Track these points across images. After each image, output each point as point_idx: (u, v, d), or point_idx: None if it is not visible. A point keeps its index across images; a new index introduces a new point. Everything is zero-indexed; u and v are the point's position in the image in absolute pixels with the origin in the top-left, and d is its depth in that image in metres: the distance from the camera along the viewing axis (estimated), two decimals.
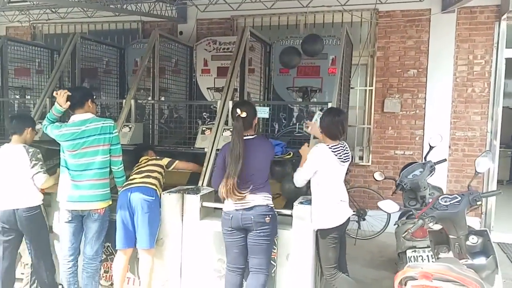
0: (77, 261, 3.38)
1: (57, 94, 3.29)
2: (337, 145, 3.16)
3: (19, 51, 6.10)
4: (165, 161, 3.80)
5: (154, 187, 3.48)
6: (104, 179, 3.31)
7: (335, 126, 3.16)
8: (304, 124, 3.37)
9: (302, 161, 3.28)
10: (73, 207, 3.25)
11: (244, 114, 3.06)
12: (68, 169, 3.27)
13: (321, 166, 3.10)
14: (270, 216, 3.03)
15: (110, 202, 3.40)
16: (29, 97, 6.27)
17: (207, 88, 5.96)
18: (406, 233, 2.98)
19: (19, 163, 3.40)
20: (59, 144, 3.32)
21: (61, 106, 3.26)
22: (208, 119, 5.68)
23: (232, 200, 3.00)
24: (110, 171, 3.41)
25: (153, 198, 3.40)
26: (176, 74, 5.94)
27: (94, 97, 3.48)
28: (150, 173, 3.57)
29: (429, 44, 5.87)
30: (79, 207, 3.25)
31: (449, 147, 5.84)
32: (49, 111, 3.39)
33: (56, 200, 3.38)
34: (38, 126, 4.36)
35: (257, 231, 3.00)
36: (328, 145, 3.13)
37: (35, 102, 5.83)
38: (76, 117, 3.29)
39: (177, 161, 3.85)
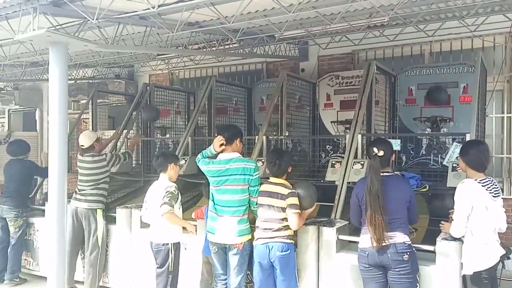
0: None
1: (216, 138, 3.63)
2: (485, 179, 3.02)
3: (162, 95, 6.97)
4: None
5: None
6: (242, 215, 3.52)
7: (480, 155, 3.03)
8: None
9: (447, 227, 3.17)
10: (213, 239, 3.56)
11: (381, 153, 3.10)
12: (214, 203, 3.60)
13: (473, 202, 2.96)
14: (408, 253, 2.98)
15: (250, 237, 3.53)
16: (168, 135, 7.07)
17: (331, 122, 6.11)
18: None
19: (157, 198, 3.90)
20: (201, 178, 3.76)
21: (215, 149, 3.60)
22: (332, 152, 5.80)
23: (374, 238, 2.99)
24: None
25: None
26: (300, 110, 6.22)
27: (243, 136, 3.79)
28: None
29: None
30: (219, 240, 3.52)
31: None
32: (204, 148, 3.78)
33: None
34: (181, 162, 4.97)
35: (397, 269, 2.97)
36: (476, 180, 3.01)
37: (174, 140, 6.65)
38: (223, 156, 3.59)
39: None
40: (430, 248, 3.20)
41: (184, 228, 3.97)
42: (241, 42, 5.61)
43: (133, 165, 6.35)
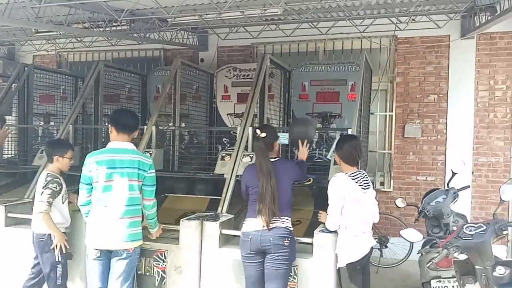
0: None
1: None
2: (355, 172, 3.13)
3: (45, 79, 6.28)
4: None
5: None
6: (134, 217, 3.12)
7: (352, 150, 3.13)
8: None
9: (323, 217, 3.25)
10: (95, 244, 3.12)
11: (263, 134, 3.11)
12: (97, 201, 3.14)
13: (344, 195, 3.04)
14: (289, 239, 3.01)
15: (141, 243, 3.18)
16: (53, 123, 6.42)
17: (227, 114, 6.03)
18: (431, 263, 2.91)
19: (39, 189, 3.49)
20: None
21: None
22: (228, 145, 5.71)
23: (263, 219, 2.96)
24: None
25: None
26: (197, 100, 6.04)
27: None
28: None
29: (449, 70, 5.85)
30: (103, 245, 3.06)
31: (472, 173, 5.72)
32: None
33: None
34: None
35: (276, 254, 2.98)
36: (346, 173, 3.10)
37: (59, 128, 6.02)
38: (115, 144, 3.11)
39: None
40: (308, 240, 3.24)
41: None
42: (132, 25, 5.22)
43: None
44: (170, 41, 6.16)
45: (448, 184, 4.20)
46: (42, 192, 3.40)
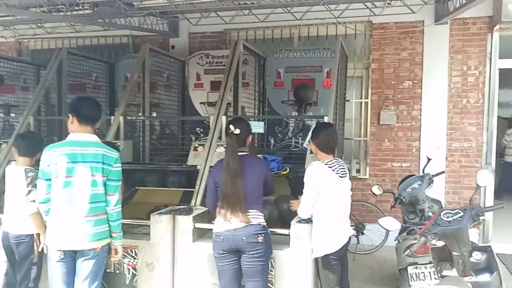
0: None
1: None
2: (331, 160, 3.04)
3: (4, 68, 5.91)
4: None
5: None
6: (99, 214, 2.90)
7: (329, 138, 3.05)
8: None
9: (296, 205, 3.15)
10: (59, 245, 2.89)
11: (237, 131, 2.98)
12: (57, 199, 2.96)
13: (321, 184, 2.96)
14: (263, 235, 2.90)
15: (109, 241, 2.94)
16: (13, 114, 6.07)
17: (200, 103, 5.84)
18: (409, 250, 2.89)
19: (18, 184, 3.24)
20: None
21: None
22: (202, 135, 5.55)
23: (232, 219, 2.86)
24: None
25: None
26: (168, 89, 5.83)
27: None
28: None
29: (423, 56, 5.83)
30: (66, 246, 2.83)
31: (446, 158, 5.76)
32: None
33: None
34: None
35: (251, 252, 2.87)
36: (323, 161, 3.01)
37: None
38: (77, 136, 2.86)
39: None
40: (285, 231, 3.14)
41: None
42: (96, 9, 4.93)
43: None
44: (138, 27, 5.88)
45: (423, 170, 4.20)
46: (30, 191, 3.16)
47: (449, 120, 5.79)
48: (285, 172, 3.91)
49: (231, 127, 2.99)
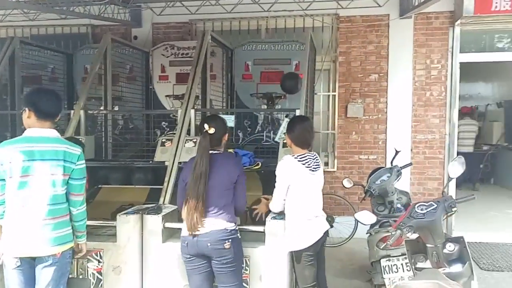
0: None
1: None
2: (303, 154, 2.98)
3: None
4: None
5: None
6: (61, 216, 2.67)
7: (305, 132, 2.99)
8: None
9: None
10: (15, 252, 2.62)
11: (212, 130, 2.78)
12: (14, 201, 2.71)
13: (292, 179, 2.90)
14: (229, 241, 2.73)
15: (72, 245, 2.72)
16: None
17: (166, 96, 5.61)
18: (385, 244, 2.88)
19: None
20: None
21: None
22: (168, 129, 5.34)
23: (196, 224, 2.69)
24: None
25: None
26: (131, 82, 5.57)
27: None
28: None
29: (388, 49, 5.90)
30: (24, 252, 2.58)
31: (411, 150, 5.88)
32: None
33: None
34: None
35: (218, 259, 2.72)
36: (294, 156, 2.96)
37: None
38: (35, 132, 2.60)
39: None
40: (260, 229, 3.05)
41: None
42: None
43: None
44: (98, 16, 5.56)
45: (391, 163, 4.24)
46: None
47: (414, 113, 5.91)
48: (257, 167, 3.82)
49: (205, 126, 2.78)
